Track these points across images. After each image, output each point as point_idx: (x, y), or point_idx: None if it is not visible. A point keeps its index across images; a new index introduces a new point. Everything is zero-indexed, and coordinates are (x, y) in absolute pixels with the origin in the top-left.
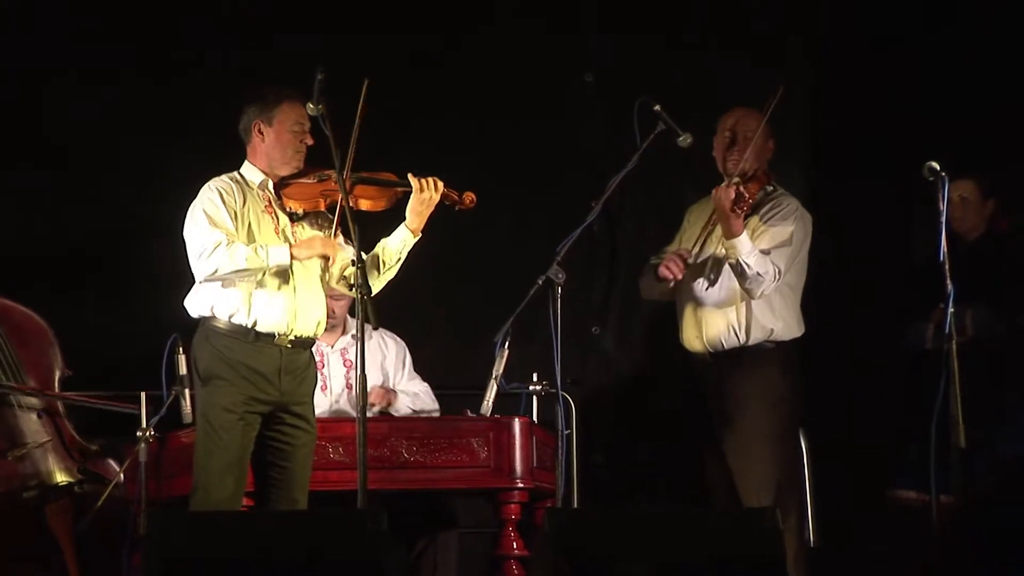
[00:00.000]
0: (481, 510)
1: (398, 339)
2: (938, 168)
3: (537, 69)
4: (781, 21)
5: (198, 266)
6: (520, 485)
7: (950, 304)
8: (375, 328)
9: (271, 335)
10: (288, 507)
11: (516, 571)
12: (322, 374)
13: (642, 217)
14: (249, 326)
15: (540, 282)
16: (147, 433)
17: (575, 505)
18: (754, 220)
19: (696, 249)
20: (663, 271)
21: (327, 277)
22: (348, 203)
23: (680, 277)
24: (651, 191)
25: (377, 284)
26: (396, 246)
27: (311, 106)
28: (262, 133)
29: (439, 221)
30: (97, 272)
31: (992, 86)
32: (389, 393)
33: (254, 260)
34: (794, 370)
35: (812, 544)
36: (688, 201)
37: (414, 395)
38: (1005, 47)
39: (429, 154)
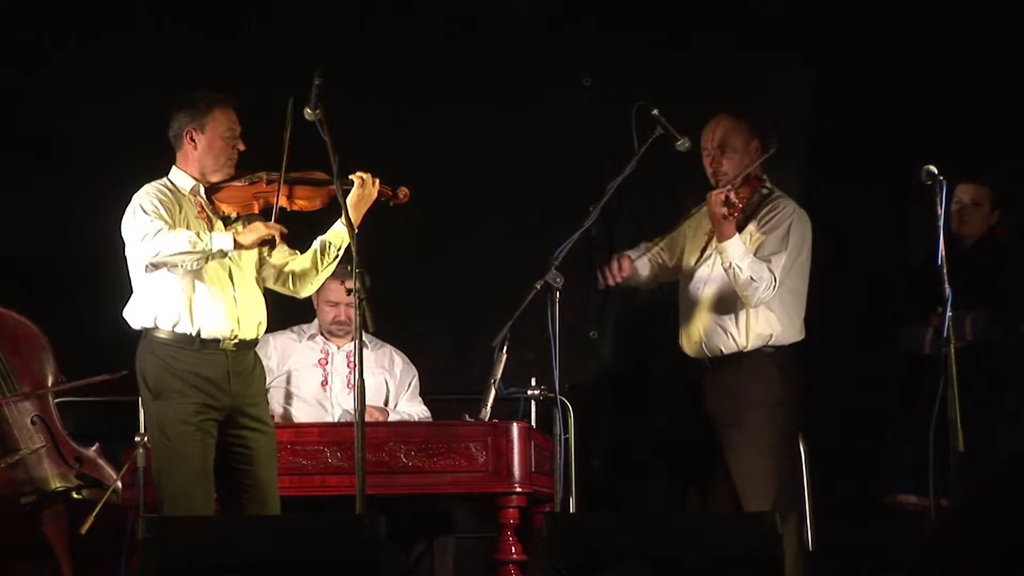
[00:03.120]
0: (479, 515)
1: (408, 360)
2: (936, 172)
3: (535, 72)
4: (781, 25)
5: (140, 249)
6: (518, 489)
7: (948, 308)
8: (371, 332)
9: (216, 340)
10: (258, 510)
11: None
12: (324, 370)
13: (640, 221)
14: (193, 334)
15: (538, 287)
16: (145, 438)
17: (573, 509)
18: (751, 225)
19: (698, 258)
20: (602, 274)
21: (261, 278)
22: (345, 204)
23: (613, 284)
24: (649, 195)
25: (316, 281)
26: (335, 243)
27: (308, 111)
28: (194, 140)
29: (436, 225)
30: (92, 276)
31: (991, 87)
32: (381, 414)
33: (197, 243)
34: (793, 373)
35: (811, 547)
36: (687, 205)
37: (408, 418)
38: (1003, 47)
39: (424, 156)
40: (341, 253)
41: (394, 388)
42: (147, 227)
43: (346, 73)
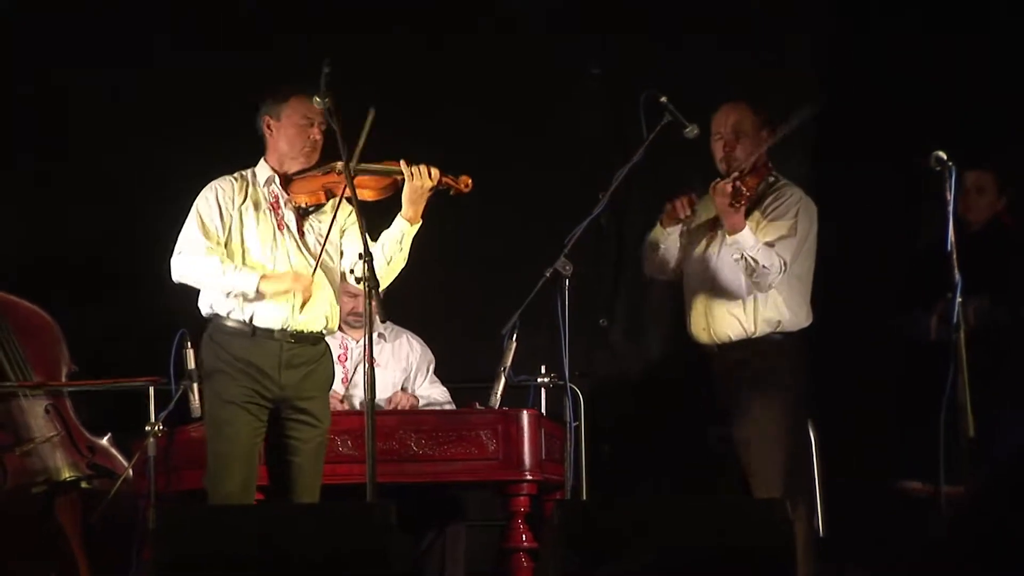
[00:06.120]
0: (489, 503)
1: (424, 345)
2: (945, 157)
3: (544, 61)
4: (786, 10)
5: (172, 261)
6: (529, 477)
7: (958, 294)
8: (383, 321)
9: (270, 330)
10: (297, 501)
11: (525, 563)
12: (344, 367)
13: (649, 209)
14: (247, 320)
15: (548, 274)
16: (156, 427)
17: (584, 497)
18: (757, 213)
19: (705, 246)
20: (673, 208)
21: (344, 272)
22: (355, 196)
23: (688, 215)
24: (658, 183)
25: (387, 277)
26: (396, 236)
27: (317, 100)
28: (271, 128)
29: (447, 213)
30: (104, 267)
31: (996, 72)
32: (412, 399)
33: (220, 278)
34: (802, 361)
35: (821, 533)
36: (696, 191)
37: (432, 401)
38: (1008, 33)
39: (434, 146)
40: (406, 247)
41: (413, 374)
42: (183, 244)
43: (357, 67)
